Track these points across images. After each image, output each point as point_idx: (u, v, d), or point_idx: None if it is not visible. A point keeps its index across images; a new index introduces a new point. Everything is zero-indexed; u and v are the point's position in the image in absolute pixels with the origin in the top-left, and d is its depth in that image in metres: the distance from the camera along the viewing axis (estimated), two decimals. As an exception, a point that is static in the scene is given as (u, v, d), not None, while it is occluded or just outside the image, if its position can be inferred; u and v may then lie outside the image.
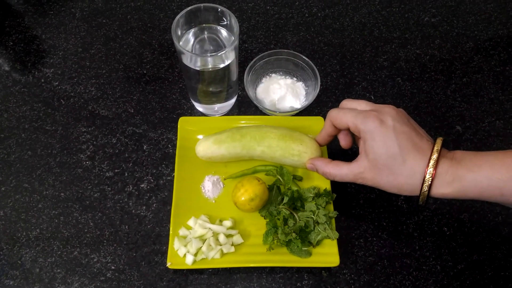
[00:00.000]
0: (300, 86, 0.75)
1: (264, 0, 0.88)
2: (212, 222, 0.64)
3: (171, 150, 0.71)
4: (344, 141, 0.61)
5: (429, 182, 0.50)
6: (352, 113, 0.55)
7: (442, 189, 0.50)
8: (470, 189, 0.49)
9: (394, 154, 0.51)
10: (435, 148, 0.51)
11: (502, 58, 0.82)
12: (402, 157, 0.51)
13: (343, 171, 0.57)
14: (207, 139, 0.66)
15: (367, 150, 0.53)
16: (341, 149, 0.71)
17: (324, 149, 0.69)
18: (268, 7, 0.87)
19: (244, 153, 0.66)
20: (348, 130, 0.58)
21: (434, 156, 0.50)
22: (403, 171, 0.51)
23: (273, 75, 0.77)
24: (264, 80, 0.76)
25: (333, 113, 0.57)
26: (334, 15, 0.87)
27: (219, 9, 0.61)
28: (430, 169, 0.50)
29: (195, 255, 0.61)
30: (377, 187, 0.55)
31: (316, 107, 0.75)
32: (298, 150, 0.64)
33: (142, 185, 0.69)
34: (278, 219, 0.63)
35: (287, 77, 0.76)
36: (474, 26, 0.86)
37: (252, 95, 0.72)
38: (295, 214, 0.63)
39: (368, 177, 0.54)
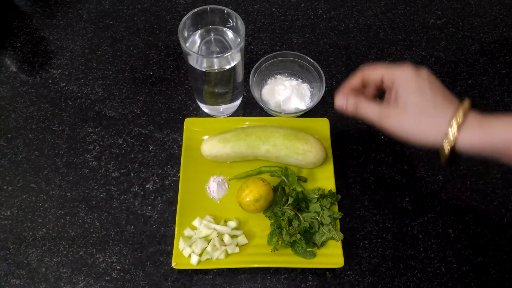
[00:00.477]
0: (305, 87, 0.75)
1: (270, 2, 0.88)
2: (217, 223, 0.64)
3: (176, 151, 0.72)
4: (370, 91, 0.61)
5: (458, 124, 0.49)
6: (386, 65, 0.57)
7: (469, 135, 0.49)
8: (499, 137, 0.48)
9: (426, 98, 0.51)
10: (466, 101, 0.51)
11: (507, 60, 0.82)
12: (434, 102, 0.51)
13: (372, 106, 0.56)
14: (212, 138, 0.67)
15: (398, 97, 0.53)
16: (347, 150, 0.71)
17: (329, 150, 0.69)
18: (273, 9, 0.87)
19: (249, 152, 0.66)
20: (374, 87, 0.59)
21: (466, 104, 0.50)
22: (433, 113, 0.51)
23: (279, 76, 0.77)
24: (269, 81, 0.76)
25: (367, 66, 0.59)
26: (340, 17, 0.87)
27: (225, 11, 0.61)
28: (460, 112, 0.49)
29: (200, 255, 0.61)
30: (397, 133, 0.53)
31: (321, 109, 0.76)
32: (303, 149, 0.65)
33: (148, 186, 0.69)
34: (283, 220, 0.63)
35: (292, 78, 0.76)
36: (479, 28, 0.86)
37: (258, 96, 0.73)
38: (299, 215, 0.63)
39: (393, 119, 0.53)
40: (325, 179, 0.67)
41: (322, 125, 0.71)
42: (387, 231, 0.66)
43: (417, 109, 0.52)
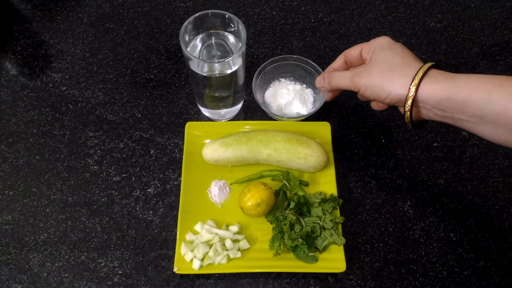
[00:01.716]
0: (309, 93, 0.75)
1: (270, 5, 0.88)
2: (219, 227, 0.64)
3: (178, 155, 0.72)
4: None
5: (424, 71, 0.53)
6: (361, 43, 0.63)
7: (432, 85, 0.52)
8: (461, 88, 0.50)
9: (396, 56, 0.56)
10: (429, 62, 0.55)
11: (508, 64, 0.82)
12: (402, 61, 0.56)
13: (345, 73, 0.61)
14: (214, 142, 0.67)
15: (371, 58, 0.58)
16: (348, 154, 0.71)
17: (331, 154, 0.69)
18: (274, 13, 0.87)
19: (251, 156, 0.66)
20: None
21: (431, 63, 0.55)
22: (401, 68, 0.55)
23: (283, 80, 0.77)
24: (273, 84, 0.76)
25: (345, 51, 0.65)
26: (340, 20, 0.87)
27: (226, 16, 0.61)
28: (426, 65, 0.54)
29: (202, 260, 0.61)
30: (367, 88, 0.57)
31: (322, 113, 0.76)
32: (304, 153, 0.65)
33: (149, 190, 0.69)
34: (285, 224, 0.63)
35: (297, 83, 0.76)
36: (480, 32, 0.86)
37: (260, 99, 0.73)
38: (301, 220, 0.63)
39: (363, 76, 0.58)
40: (327, 183, 0.67)
41: (324, 129, 0.71)
42: (389, 235, 0.66)
43: (386, 64, 0.56)
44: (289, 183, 0.66)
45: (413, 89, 0.53)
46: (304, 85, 0.76)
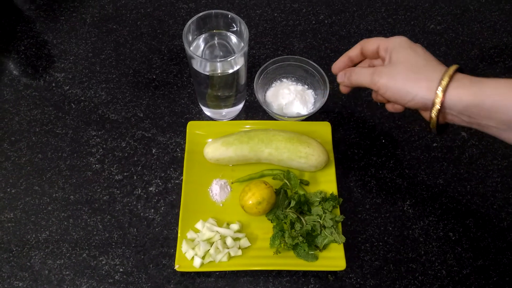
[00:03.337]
0: (309, 93, 0.76)
1: (272, 7, 0.89)
2: (220, 226, 0.65)
3: (179, 154, 0.72)
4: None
5: (450, 76, 0.50)
6: (378, 37, 0.60)
7: (458, 90, 0.49)
8: (488, 94, 0.48)
9: (419, 57, 0.53)
10: (453, 65, 0.52)
11: (507, 66, 0.83)
12: (425, 61, 0.53)
13: (364, 69, 0.58)
14: (215, 141, 0.67)
15: (392, 58, 0.55)
16: (348, 154, 0.72)
17: (331, 153, 0.69)
18: (275, 14, 0.88)
19: (252, 155, 0.67)
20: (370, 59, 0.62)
21: (455, 66, 0.51)
22: (425, 69, 0.52)
23: (284, 80, 0.77)
24: (274, 84, 0.77)
25: (365, 39, 0.62)
26: (341, 22, 0.88)
27: (229, 16, 0.62)
28: (451, 68, 0.51)
29: (203, 258, 0.61)
30: (389, 89, 0.54)
31: (323, 113, 0.76)
32: (305, 153, 0.65)
33: (151, 188, 0.69)
34: (285, 223, 0.64)
35: (298, 83, 0.77)
36: (479, 34, 0.87)
37: (261, 99, 0.73)
38: (302, 218, 0.64)
39: (384, 75, 0.54)
40: (327, 182, 0.68)
41: (324, 128, 0.72)
42: (389, 234, 0.66)
43: (409, 65, 0.53)
44: (289, 182, 0.67)
45: (440, 94, 0.50)
46: (306, 86, 0.77)
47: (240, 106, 0.75)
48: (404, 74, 0.53)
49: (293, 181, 0.66)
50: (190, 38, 0.63)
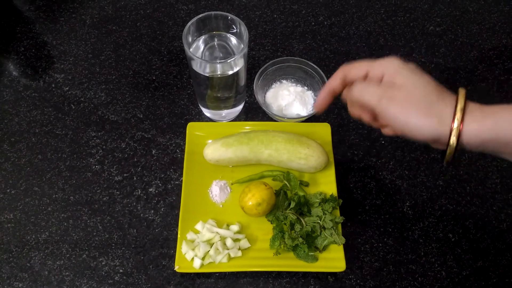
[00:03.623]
0: (309, 95, 0.76)
1: (272, 8, 0.89)
2: (220, 227, 0.65)
3: (179, 155, 0.72)
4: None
5: (462, 110, 0.45)
6: (368, 60, 0.51)
7: (473, 126, 0.45)
8: (505, 127, 0.44)
9: (428, 86, 0.47)
10: (460, 91, 0.47)
11: (506, 67, 0.83)
12: (434, 91, 0.47)
13: (371, 86, 0.49)
14: (215, 142, 0.67)
15: (397, 83, 0.48)
16: (348, 155, 0.72)
17: (331, 155, 0.70)
18: (275, 16, 0.88)
19: (252, 156, 0.67)
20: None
21: (463, 93, 0.47)
22: (436, 104, 0.46)
23: (284, 81, 0.78)
24: (274, 85, 0.77)
25: (346, 64, 0.52)
26: (340, 23, 0.88)
27: (229, 17, 0.62)
28: (461, 100, 0.45)
29: (203, 259, 0.61)
30: (399, 123, 0.47)
31: (322, 114, 0.76)
32: (305, 154, 0.65)
33: (151, 189, 0.69)
34: (285, 224, 0.64)
35: (298, 85, 0.77)
36: (478, 35, 0.87)
37: (261, 100, 0.73)
38: (301, 219, 0.64)
39: (397, 101, 0.47)
40: (327, 184, 0.68)
41: (324, 130, 0.72)
42: (388, 236, 0.66)
43: (419, 95, 0.47)
44: (289, 183, 0.67)
45: (455, 134, 0.45)
46: (305, 87, 0.77)
47: (240, 107, 0.75)
48: (416, 106, 0.46)
49: (293, 182, 0.66)
50: (190, 39, 0.63)
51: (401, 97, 0.47)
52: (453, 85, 0.80)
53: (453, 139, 0.45)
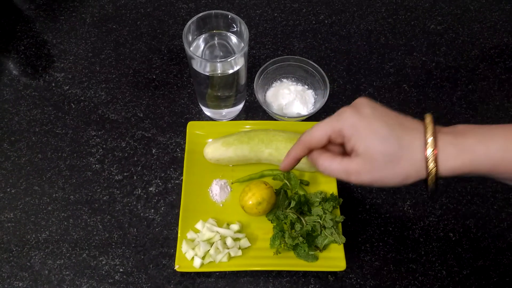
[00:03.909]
0: (310, 94, 0.76)
1: (272, 7, 0.89)
2: (220, 226, 0.65)
3: (179, 154, 0.72)
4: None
5: (434, 157, 0.43)
6: (324, 121, 0.49)
7: (450, 163, 0.43)
8: (482, 163, 0.43)
9: (386, 137, 0.44)
10: (427, 121, 0.45)
11: (507, 66, 0.83)
12: (395, 139, 0.44)
13: (334, 165, 0.48)
14: (215, 141, 0.67)
15: (355, 147, 0.46)
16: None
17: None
18: (275, 14, 0.88)
19: (252, 156, 0.67)
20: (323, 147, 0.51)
21: (430, 128, 0.44)
22: (402, 153, 0.44)
23: (285, 80, 0.77)
24: (274, 84, 0.77)
25: (306, 133, 0.51)
26: (341, 22, 0.88)
27: (229, 16, 0.62)
28: (430, 141, 0.43)
29: (203, 258, 0.61)
30: (377, 185, 0.47)
31: (323, 113, 0.76)
32: (305, 154, 0.65)
33: (151, 189, 0.69)
34: (285, 223, 0.64)
35: (298, 84, 0.77)
36: (479, 34, 0.87)
37: (261, 99, 0.73)
38: (302, 218, 0.64)
39: (364, 174, 0.46)
40: (327, 183, 0.68)
41: (324, 129, 0.71)
42: (389, 235, 0.66)
43: (382, 155, 0.45)
44: (290, 182, 0.66)
45: (433, 173, 0.44)
46: (306, 86, 0.77)
47: (240, 106, 0.75)
48: (383, 167, 0.45)
49: (293, 182, 0.66)
50: (190, 38, 0.63)
51: (366, 168, 0.46)
52: (454, 84, 0.80)
53: (431, 179, 0.44)
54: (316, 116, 0.74)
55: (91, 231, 0.66)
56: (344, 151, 0.51)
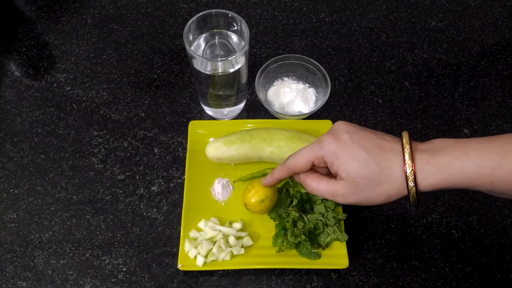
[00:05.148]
0: (311, 92, 0.76)
1: (273, 6, 0.89)
2: (222, 224, 0.65)
3: (181, 154, 0.72)
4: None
5: (413, 177, 0.46)
6: (307, 148, 0.53)
7: (428, 180, 0.46)
8: (458, 179, 0.45)
9: (365, 162, 0.48)
10: (404, 141, 0.48)
11: (509, 62, 0.82)
12: (375, 162, 0.47)
13: (321, 186, 0.52)
14: (217, 140, 0.67)
15: (338, 172, 0.50)
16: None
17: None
18: (276, 13, 0.88)
19: (254, 154, 0.67)
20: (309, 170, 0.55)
21: (407, 149, 0.47)
22: (382, 176, 0.48)
23: (286, 79, 0.78)
24: (276, 83, 0.77)
25: (291, 159, 0.55)
26: (342, 20, 0.88)
27: (230, 15, 0.62)
28: (408, 162, 0.46)
29: (206, 256, 0.61)
30: (363, 204, 0.51)
31: (324, 111, 0.76)
32: (307, 152, 0.65)
33: (153, 188, 0.70)
34: (288, 221, 0.64)
35: (299, 82, 0.77)
36: (480, 31, 0.86)
37: (263, 97, 0.73)
38: (304, 216, 0.64)
39: (349, 196, 0.50)
40: (329, 181, 0.68)
41: (326, 127, 0.71)
42: (391, 232, 0.66)
43: (363, 179, 0.48)
44: (292, 180, 0.66)
45: (413, 192, 0.47)
46: (307, 85, 0.77)
47: (242, 105, 0.75)
48: (366, 189, 0.49)
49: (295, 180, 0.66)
50: (191, 37, 0.63)
51: (350, 191, 0.49)
52: (455, 81, 0.80)
53: (412, 195, 0.47)
54: (318, 115, 0.74)
55: (94, 230, 0.66)
56: (329, 172, 0.54)
